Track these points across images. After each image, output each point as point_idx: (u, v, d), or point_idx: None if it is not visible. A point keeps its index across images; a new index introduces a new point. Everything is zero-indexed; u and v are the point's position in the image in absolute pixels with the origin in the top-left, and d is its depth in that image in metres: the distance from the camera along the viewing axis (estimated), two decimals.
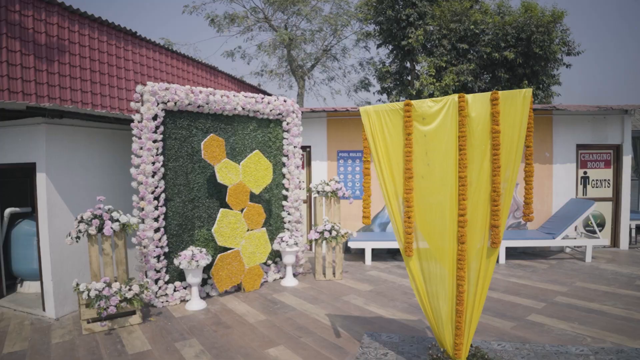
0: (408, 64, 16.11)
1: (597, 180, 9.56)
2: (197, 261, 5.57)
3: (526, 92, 3.17)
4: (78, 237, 4.87)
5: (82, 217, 4.90)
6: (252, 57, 19.42)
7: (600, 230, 9.30)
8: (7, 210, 6.34)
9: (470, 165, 3.22)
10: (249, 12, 17.80)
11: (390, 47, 16.23)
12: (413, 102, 3.30)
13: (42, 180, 5.37)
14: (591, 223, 9.01)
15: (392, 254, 8.94)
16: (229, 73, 14.25)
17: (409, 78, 16.24)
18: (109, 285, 4.91)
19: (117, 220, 5.01)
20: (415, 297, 6.01)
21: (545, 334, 4.72)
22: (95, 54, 8.58)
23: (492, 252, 3.22)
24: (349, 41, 22.79)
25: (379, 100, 17.29)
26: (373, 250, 8.47)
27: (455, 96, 3.26)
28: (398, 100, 13.78)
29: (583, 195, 9.60)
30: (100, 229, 4.91)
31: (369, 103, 19.98)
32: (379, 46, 16.44)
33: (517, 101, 3.18)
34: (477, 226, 3.23)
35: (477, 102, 3.23)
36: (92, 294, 4.76)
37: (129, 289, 5.00)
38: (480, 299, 3.27)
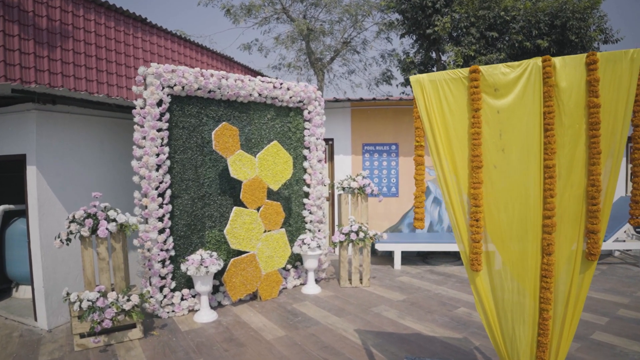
0: (434, 54, 15.25)
1: None
2: (206, 267, 4.87)
3: (635, 53, 2.36)
4: (69, 240, 4.21)
5: (73, 217, 4.24)
6: (270, 50, 18.73)
7: None
8: (0, 208, 5.74)
9: (560, 151, 2.42)
10: (266, 2, 17.09)
11: (415, 36, 15.39)
12: (482, 68, 2.52)
13: (32, 174, 4.75)
14: None
15: (423, 257, 8.13)
16: (246, 65, 13.57)
17: (435, 69, 15.36)
18: (104, 295, 4.24)
19: (114, 220, 4.34)
20: (457, 310, 5.24)
21: (618, 358, 3.89)
22: (101, 41, 7.92)
23: (587, 266, 2.42)
24: (369, 33, 21.89)
25: (402, 92, 16.42)
26: (402, 253, 7.68)
27: (539, 59, 2.46)
28: None
29: None
30: (94, 230, 4.24)
31: (391, 96, 19.06)
32: (402, 36, 15.58)
33: (623, 66, 2.37)
34: (568, 232, 2.43)
35: (568, 68, 2.43)
36: (85, 305, 4.10)
37: (127, 300, 4.32)
38: (571, 328, 2.47)
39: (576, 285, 2.44)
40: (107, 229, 4.24)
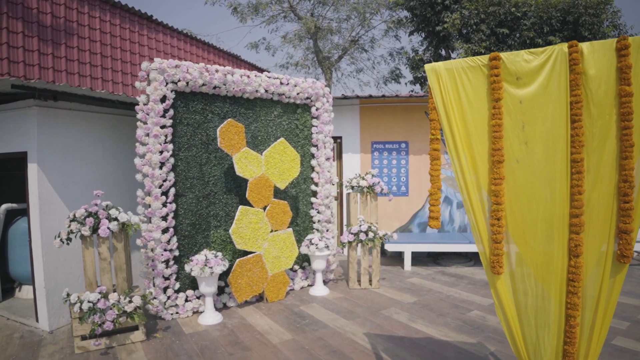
0: (443, 52, 15.00)
1: None
2: (211, 268, 4.73)
3: None
4: (69, 239, 4.08)
5: (74, 215, 4.11)
6: (277, 49, 18.59)
7: None
8: (3, 207, 5.65)
9: (589, 144, 2.24)
10: (273, 0, 16.94)
11: (424, 34, 15.16)
12: (503, 55, 2.34)
13: (33, 172, 4.64)
14: None
15: (433, 258, 7.93)
16: (253, 63, 13.46)
17: None
18: (105, 296, 4.11)
19: (116, 219, 4.20)
20: (470, 313, 5.05)
21: None
22: (106, 38, 7.84)
23: (619, 269, 2.24)
24: (378, 31, 21.70)
25: (411, 91, 16.20)
26: (412, 253, 7.49)
27: (564, 45, 2.28)
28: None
29: None
30: (95, 229, 4.11)
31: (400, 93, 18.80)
32: (411, 33, 15.39)
33: None
34: (597, 231, 2.25)
35: (597, 54, 2.25)
36: (85, 306, 3.97)
37: (129, 301, 4.19)
38: (600, 336, 2.29)
39: (606, 289, 2.25)
40: (108, 228, 4.11)
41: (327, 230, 6.38)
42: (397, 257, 8.01)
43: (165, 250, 4.88)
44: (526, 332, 2.40)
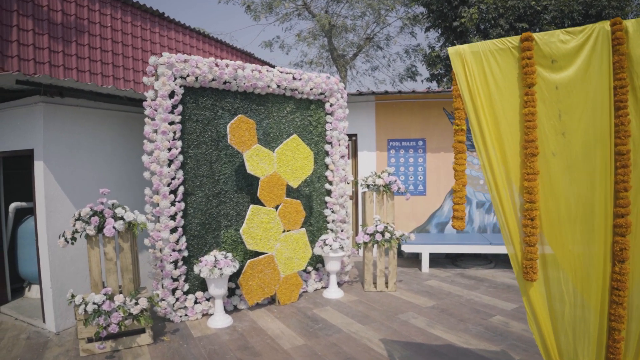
0: None
1: None
2: (220, 269, 4.55)
3: None
4: (74, 239, 3.94)
5: (79, 214, 3.98)
6: (291, 47, 18.43)
7: None
8: (12, 205, 5.57)
9: (636, 135, 1.98)
10: None
11: (440, 30, 14.83)
12: (536, 35, 2.10)
13: (39, 170, 4.53)
14: None
15: (452, 260, 7.64)
16: (266, 61, 13.32)
17: None
18: (110, 297, 3.96)
19: (122, 218, 4.05)
20: (492, 318, 4.79)
21: None
22: (118, 36, 7.77)
23: None
24: (393, 28, 21.35)
25: (428, 88, 15.86)
26: (430, 255, 7.22)
27: (606, 23, 2.03)
28: (449, 88, 11.99)
29: None
30: (100, 228, 3.96)
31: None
32: (427, 29, 15.06)
33: None
34: None
35: None
36: (90, 308, 3.83)
37: (135, 303, 4.03)
38: None
39: None
40: (114, 227, 3.96)
41: (342, 231, 6.16)
42: (415, 259, 7.76)
43: (173, 250, 4.73)
44: (562, 345, 2.15)
